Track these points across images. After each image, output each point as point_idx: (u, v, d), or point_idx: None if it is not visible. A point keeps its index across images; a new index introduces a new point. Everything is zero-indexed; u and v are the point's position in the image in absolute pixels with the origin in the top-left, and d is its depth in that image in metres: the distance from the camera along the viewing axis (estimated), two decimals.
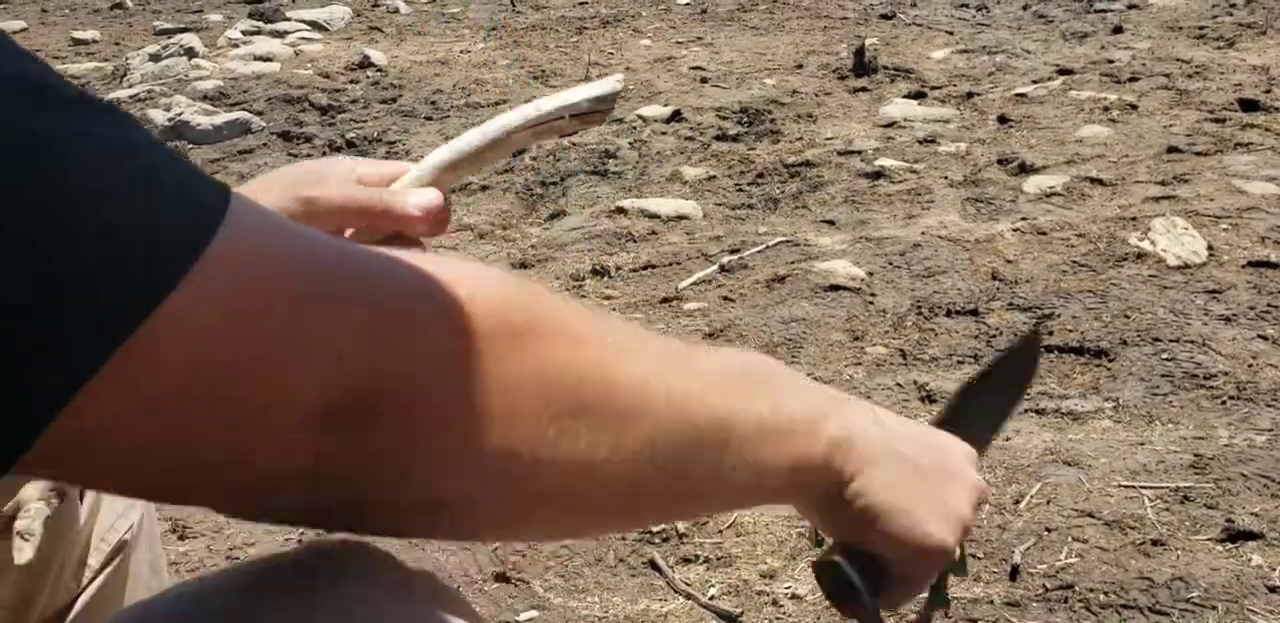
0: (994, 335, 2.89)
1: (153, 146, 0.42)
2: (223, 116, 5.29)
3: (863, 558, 0.64)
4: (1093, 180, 3.86)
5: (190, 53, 6.60)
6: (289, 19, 7.73)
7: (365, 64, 6.31)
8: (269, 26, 7.51)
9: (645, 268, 3.46)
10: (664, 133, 4.72)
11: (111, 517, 0.91)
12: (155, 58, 6.51)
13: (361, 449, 0.44)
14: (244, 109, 5.50)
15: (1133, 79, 5.09)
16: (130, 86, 6.10)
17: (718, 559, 2.12)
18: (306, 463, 0.44)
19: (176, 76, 6.25)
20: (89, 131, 0.41)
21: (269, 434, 0.42)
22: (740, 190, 4.06)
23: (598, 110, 0.78)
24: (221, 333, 0.40)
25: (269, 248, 0.43)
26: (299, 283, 0.43)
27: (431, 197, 0.77)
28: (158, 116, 5.39)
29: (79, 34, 7.75)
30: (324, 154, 4.92)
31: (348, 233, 0.76)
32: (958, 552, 0.67)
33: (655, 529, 2.21)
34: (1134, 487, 2.24)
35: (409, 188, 0.76)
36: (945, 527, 0.65)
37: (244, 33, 7.36)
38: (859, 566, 0.64)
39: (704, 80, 5.64)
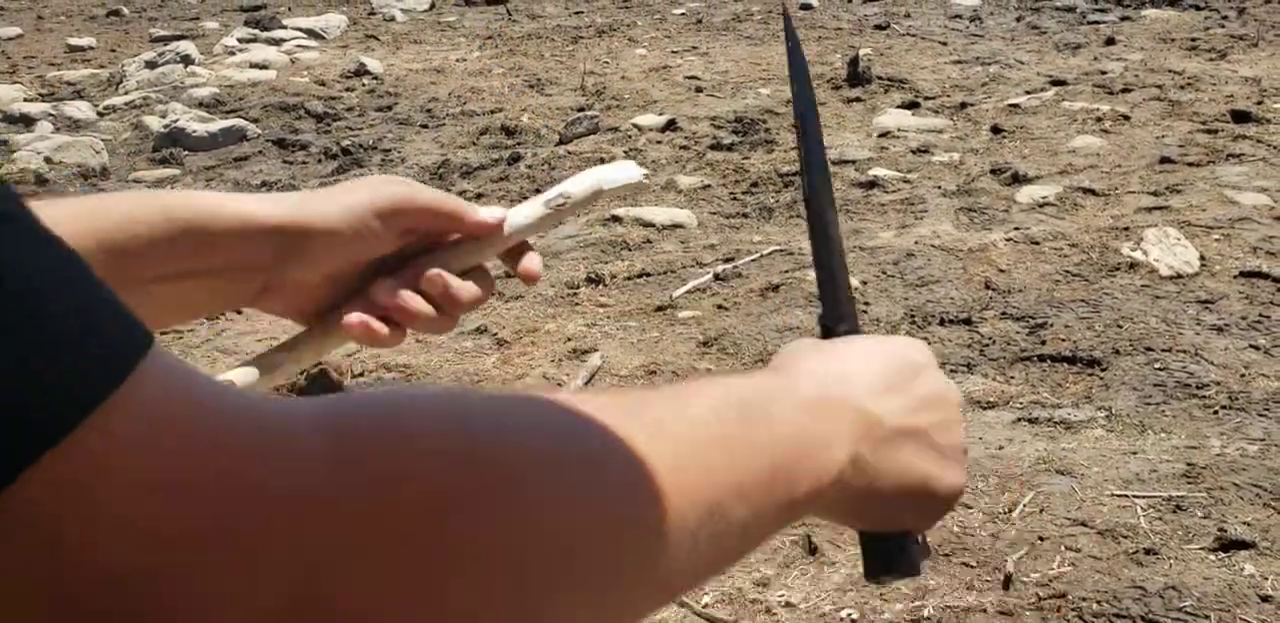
0: (987, 344, 2.90)
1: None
2: (218, 124, 5.29)
3: (904, 537, 0.64)
4: (1085, 190, 3.88)
5: (186, 60, 6.61)
6: (285, 27, 7.74)
7: (361, 72, 6.32)
8: (265, 34, 7.52)
9: (640, 276, 3.47)
10: (659, 142, 4.74)
11: None
12: (151, 65, 6.51)
13: None
14: (240, 116, 5.51)
15: (1125, 90, 5.12)
16: (126, 93, 6.11)
17: None
18: None
19: (172, 84, 6.25)
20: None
21: None
22: (735, 199, 4.08)
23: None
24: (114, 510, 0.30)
25: (184, 406, 0.33)
26: (227, 459, 0.33)
27: (494, 213, 0.80)
28: (153, 123, 5.40)
29: (75, 41, 7.75)
30: (319, 162, 4.92)
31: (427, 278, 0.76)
32: None
33: None
34: (1127, 496, 2.25)
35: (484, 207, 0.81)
36: (959, 469, 0.63)
37: (240, 40, 7.37)
38: (909, 550, 0.64)
39: (699, 90, 5.66)
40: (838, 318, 0.69)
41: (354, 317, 0.74)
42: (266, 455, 0.34)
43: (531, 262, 0.82)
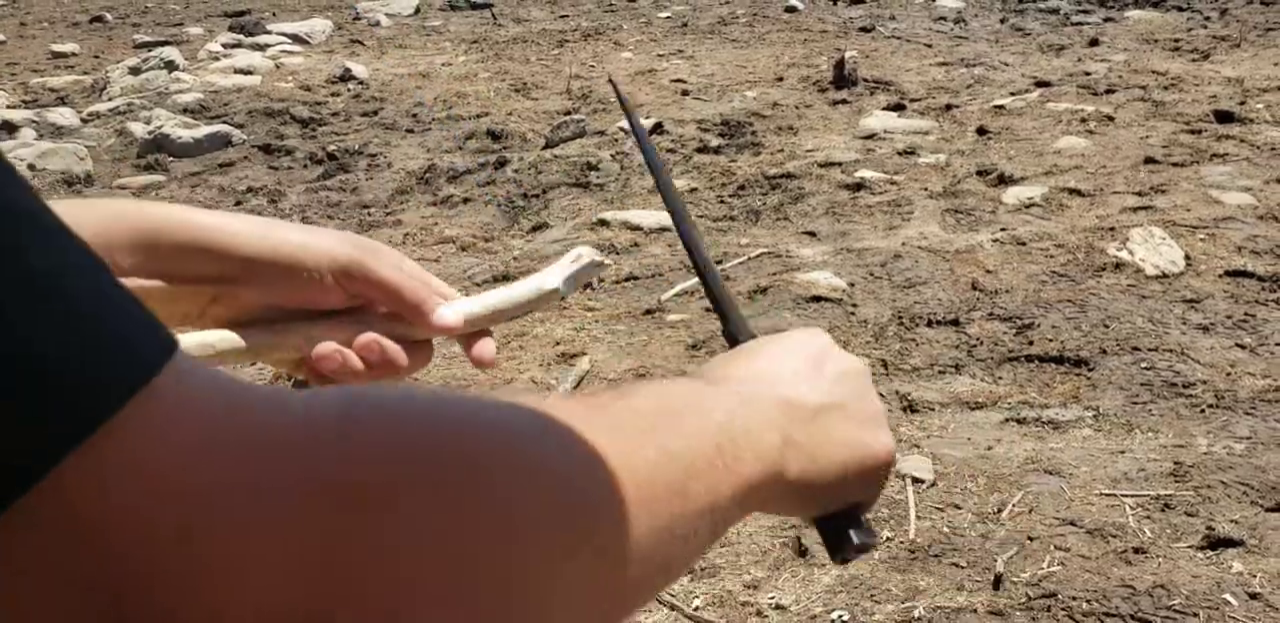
0: (975, 345, 2.90)
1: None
2: (203, 129, 5.28)
3: (850, 515, 0.67)
4: (1071, 191, 3.89)
5: (170, 66, 6.59)
6: (269, 32, 7.72)
7: (346, 77, 6.31)
8: (249, 40, 7.50)
9: (628, 280, 3.47)
10: None
11: None
12: (135, 71, 6.49)
13: None
14: (225, 122, 5.49)
15: (1109, 91, 5.14)
16: (110, 99, 6.08)
17: (701, 570, 2.12)
18: None
19: (157, 90, 6.23)
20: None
21: None
22: (722, 202, 4.08)
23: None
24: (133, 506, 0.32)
25: (212, 404, 0.35)
26: (241, 467, 0.35)
27: (455, 318, 0.79)
28: (138, 129, 5.37)
29: (58, 47, 7.72)
30: (305, 167, 4.91)
31: (364, 337, 0.75)
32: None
33: None
34: (1115, 495, 2.25)
35: (448, 302, 0.79)
36: (883, 430, 0.67)
37: (224, 46, 7.35)
38: (861, 527, 0.67)
39: (685, 93, 5.66)
40: (738, 331, 0.77)
41: (329, 347, 0.73)
42: (280, 451, 0.36)
43: (485, 348, 0.81)
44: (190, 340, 0.70)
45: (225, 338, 0.71)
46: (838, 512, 0.66)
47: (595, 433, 0.46)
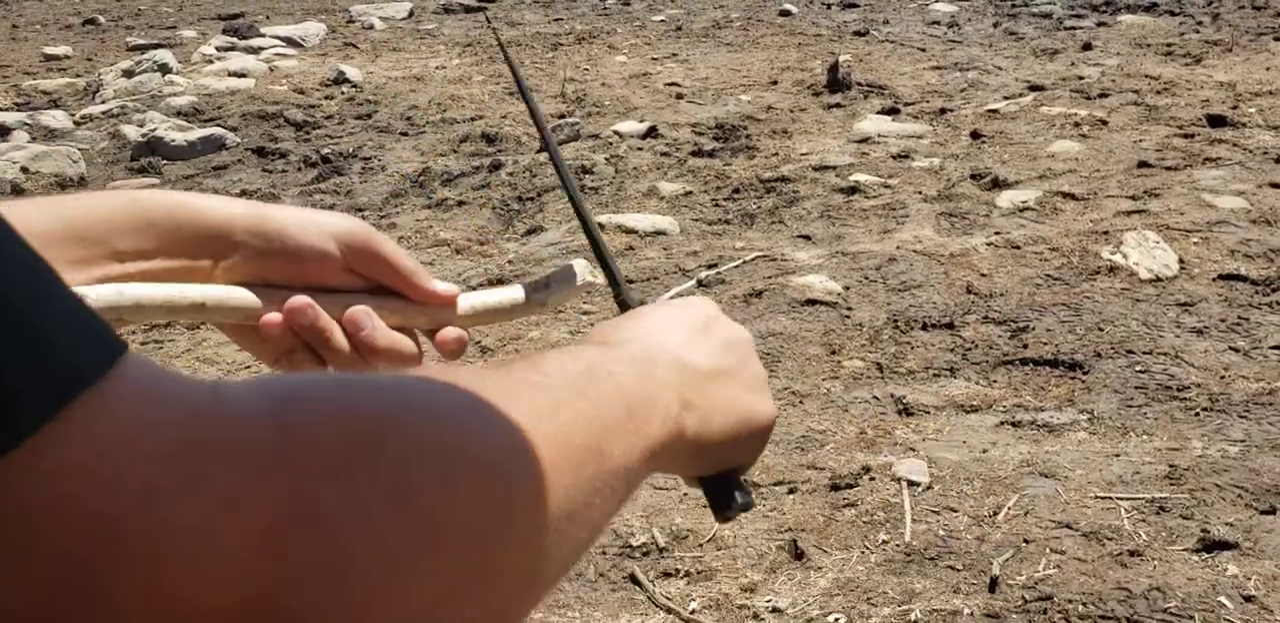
0: (969, 348, 2.91)
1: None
2: (197, 132, 5.27)
3: (732, 477, 0.70)
4: (1065, 195, 3.90)
5: (164, 69, 6.58)
6: (263, 35, 7.72)
7: (340, 80, 6.30)
8: (243, 43, 7.50)
9: None
10: (640, 148, 4.74)
11: None
12: (128, 74, 6.48)
13: None
14: (218, 125, 5.48)
15: (1103, 95, 5.16)
16: (103, 102, 6.07)
17: (698, 573, 2.12)
18: None
19: (150, 92, 6.22)
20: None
21: None
22: (717, 206, 4.08)
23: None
24: (81, 502, 0.34)
25: (157, 399, 0.37)
26: (190, 453, 0.36)
27: (449, 288, 0.81)
28: (131, 132, 5.36)
29: (51, 50, 7.71)
30: (299, 170, 4.90)
31: (355, 309, 0.76)
32: None
33: (636, 544, 2.21)
34: (1110, 498, 2.26)
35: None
36: (765, 395, 0.70)
37: (218, 49, 7.34)
38: (741, 488, 0.70)
39: (680, 96, 5.67)
40: (629, 298, 0.79)
41: (275, 317, 0.73)
42: (222, 449, 0.37)
43: (449, 334, 0.81)
44: (169, 291, 0.69)
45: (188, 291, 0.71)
46: (720, 473, 0.69)
47: (515, 402, 0.49)
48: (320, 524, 0.38)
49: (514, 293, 0.83)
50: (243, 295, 0.72)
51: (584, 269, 0.83)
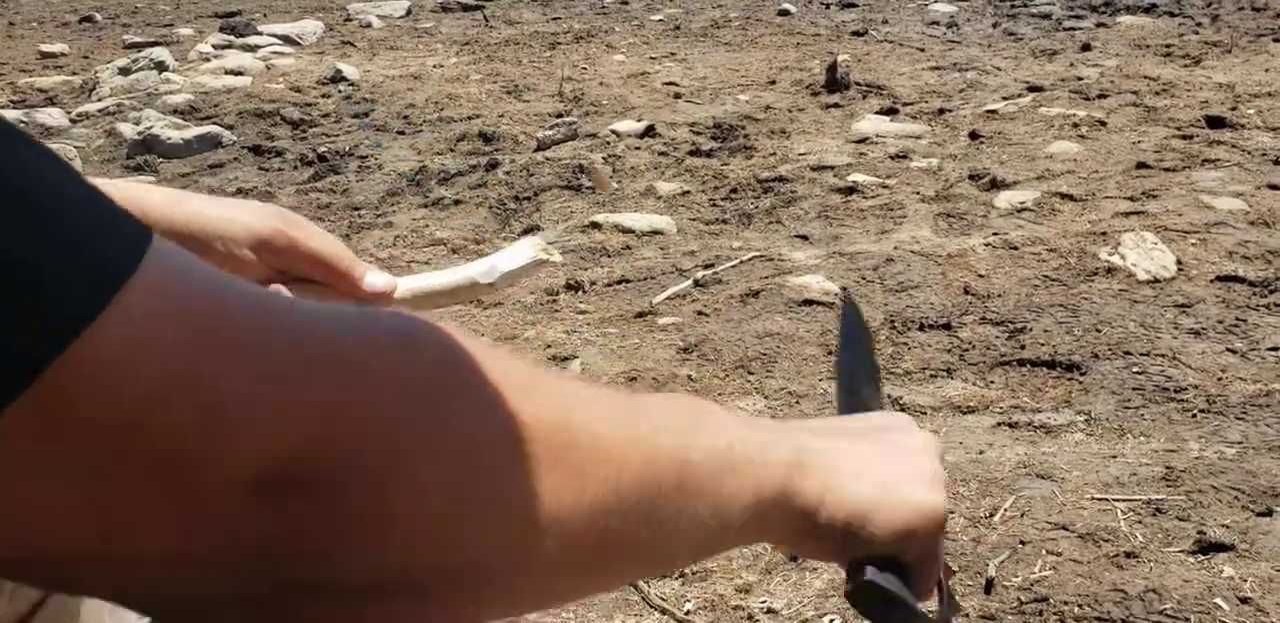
0: (966, 349, 2.90)
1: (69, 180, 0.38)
2: (193, 130, 5.26)
3: (881, 562, 0.62)
4: (1063, 196, 3.90)
5: (160, 67, 6.57)
6: (260, 33, 7.70)
7: (337, 78, 6.29)
8: (240, 41, 7.48)
9: (620, 283, 3.46)
10: (638, 148, 4.73)
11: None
12: (125, 71, 6.46)
13: (307, 528, 0.39)
14: (215, 123, 5.47)
15: (1101, 96, 5.15)
16: (100, 100, 6.06)
17: (693, 574, 2.11)
18: (248, 544, 0.39)
19: (146, 90, 6.21)
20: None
21: (198, 500, 0.38)
22: (714, 205, 4.07)
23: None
24: (139, 377, 0.36)
25: (193, 287, 0.39)
26: (233, 331, 0.39)
27: (387, 282, 0.80)
28: (127, 130, 5.35)
29: (47, 47, 7.69)
30: (295, 168, 4.89)
31: (274, 286, 0.74)
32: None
33: None
34: (1107, 499, 2.25)
35: (374, 269, 0.79)
36: (930, 487, 0.64)
37: (215, 47, 7.32)
38: (886, 573, 0.62)
39: (677, 96, 5.66)
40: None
41: None
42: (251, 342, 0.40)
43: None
44: None
45: None
46: (872, 557, 0.61)
47: (616, 409, 0.50)
48: (353, 413, 0.40)
49: (457, 274, 0.81)
50: None
51: (535, 246, 0.81)
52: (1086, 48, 6.19)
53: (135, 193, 0.72)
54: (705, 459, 0.52)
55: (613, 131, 4.96)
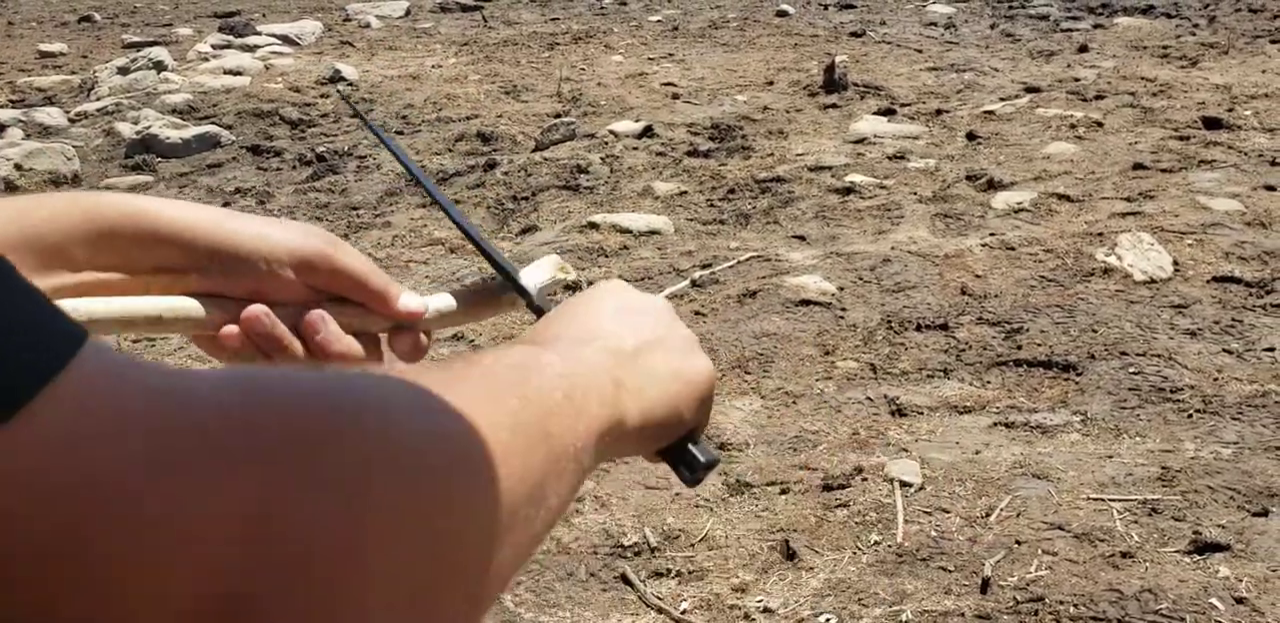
0: (963, 349, 2.90)
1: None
2: (192, 130, 5.26)
3: (690, 437, 0.71)
4: (1060, 196, 3.90)
5: (159, 66, 6.57)
6: (259, 33, 7.70)
7: (336, 78, 6.29)
8: (239, 41, 7.48)
9: None
10: (636, 148, 4.74)
11: None
12: (124, 71, 6.46)
13: None
14: (213, 123, 5.47)
15: (1098, 97, 5.16)
16: (98, 100, 6.06)
17: (689, 573, 2.11)
18: None
19: (145, 90, 6.21)
20: None
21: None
22: (712, 206, 4.08)
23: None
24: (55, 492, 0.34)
25: (124, 389, 0.37)
26: (160, 438, 0.36)
27: (420, 303, 0.81)
28: (126, 130, 5.35)
29: (46, 47, 7.69)
30: (294, 168, 4.89)
31: (315, 312, 0.76)
32: None
33: (627, 544, 2.20)
34: (1103, 499, 2.26)
35: (408, 291, 0.81)
36: (698, 354, 0.72)
37: (214, 47, 7.33)
38: (700, 444, 0.71)
39: (675, 96, 5.66)
40: (540, 301, 0.84)
41: (233, 329, 0.72)
42: (180, 430, 0.38)
43: (405, 344, 0.82)
44: (122, 304, 0.69)
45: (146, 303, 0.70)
46: (676, 442, 0.70)
47: (459, 394, 0.50)
48: (282, 518, 0.38)
49: (481, 294, 0.83)
50: (199, 306, 0.71)
51: (555, 266, 0.84)
52: (1084, 49, 6.20)
53: (183, 212, 0.72)
54: (561, 431, 0.55)
55: (611, 132, 4.96)
